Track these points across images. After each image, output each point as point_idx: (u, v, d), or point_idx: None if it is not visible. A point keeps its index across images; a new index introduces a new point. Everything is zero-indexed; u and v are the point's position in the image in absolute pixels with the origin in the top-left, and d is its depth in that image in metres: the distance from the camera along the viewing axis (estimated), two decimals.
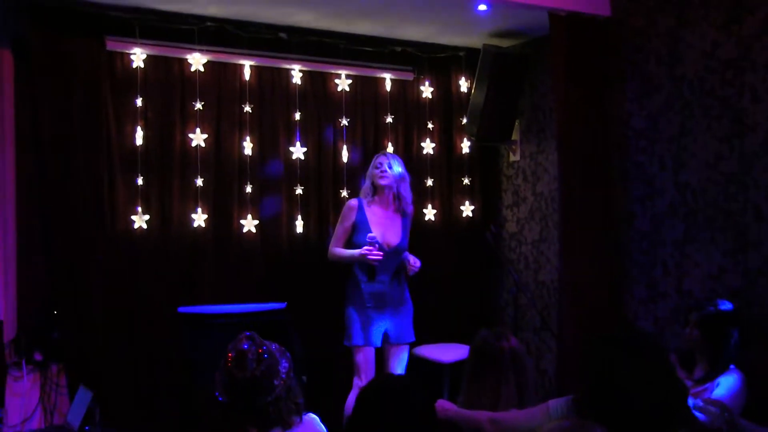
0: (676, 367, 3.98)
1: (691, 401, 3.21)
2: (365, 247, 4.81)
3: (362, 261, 4.86)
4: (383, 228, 4.96)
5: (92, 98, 4.97)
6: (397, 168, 5.01)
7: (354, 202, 5.04)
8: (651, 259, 5.11)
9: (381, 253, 4.80)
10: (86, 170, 4.93)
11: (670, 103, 4.97)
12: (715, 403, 3.32)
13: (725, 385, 3.98)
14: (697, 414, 3.05)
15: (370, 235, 4.84)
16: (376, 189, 5.01)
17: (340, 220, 5.07)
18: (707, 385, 4.02)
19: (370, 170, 5.05)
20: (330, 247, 5.08)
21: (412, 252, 5.16)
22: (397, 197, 5.02)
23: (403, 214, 5.08)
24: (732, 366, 4.06)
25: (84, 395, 4.25)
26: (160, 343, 5.17)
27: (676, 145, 4.93)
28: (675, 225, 4.94)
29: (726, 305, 4.32)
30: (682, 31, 4.89)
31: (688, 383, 4.04)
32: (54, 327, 4.68)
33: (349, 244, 4.98)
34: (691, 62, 4.83)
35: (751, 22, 4.49)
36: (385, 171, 4.97)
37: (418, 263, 5.01)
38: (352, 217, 4.97)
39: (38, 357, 4.66)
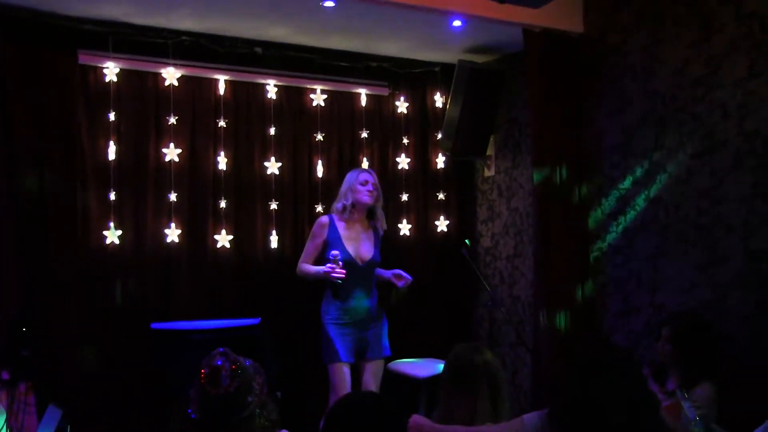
0: (649, 381, 4.02)
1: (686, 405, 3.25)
2: (328, 265, 4.78)
3: (326, 278, 4.83)
4: (356, 243, 4.94)
5: (65, 112, 4.93)
6: (380, 188, 5.03)
7: (324, 219, 5.01)
8: (625, 274, 5.14)
9: (344, 271, 4.77)
10: (59, 185, 4.89)
11: (644, 119, 5.02)
12: (700, 407, 3.36)
13: (697, 397, 4.00)
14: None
15: (333, 252, 4.80)
16: (353, 204, 4.98)
17: (310, 237, 5.04)
18: (679, 398, 4.04)
19: (353, 185, 4.99)
20: (298, 263, 5.05)
21: (387, 267, 5.16)
22: (371, 213, 5.01)
23: (376, 229, 5.07)
24: (704, 378, 4.08)
25: (53, 414, 4.18)
26: (133, 359, 5.11)
27: (649, 161, 4.98)
28: (648, 239, 4.98)
29: (697, 319, 4.37)
30: (655, 48, 4.95)
31: (661, 396, 4.06)
32: (24, 345, 4.60)
33: (321, 261, 4.95)
34: (664, 79, 4.88)
35: (720, 41, 4.55)
36: (371, 190, 4.96)
37: (408, 276, 5.02)
38: (324, 235, 4.94)
39: (5, 376, 4.57)
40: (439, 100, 6.32)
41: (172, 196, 5.31)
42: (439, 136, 6.17)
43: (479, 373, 3.22)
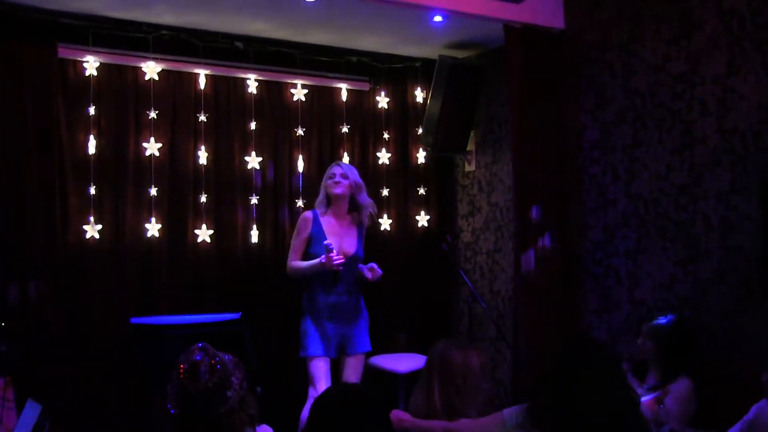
0: (629, 376, 4.04)
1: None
2: (323, 256, 4.72)
3: (323, 270, 4.76)
4: (339, 237, 4.93)
5: (44, 106, 4.88)
6: (352, 177, 4.98)
7: (308, 213, 5.00)
8: (604, 269, 5.16)
9: (342, 258, 4.75)
10: (37, 179, 4.84)
11: (623, 116, 5.04)
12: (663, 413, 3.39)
13: (676, 392, 4.04)
14: None
15: (326, 242, 4.76)
16: (330, 199, 4.99)
17: (295, 232, 5.03)
18: (658, 393, 4.08)
19: (324, 180, 5.02)
20: (288, 262, 4.99)
21: (368, 262, 5.16)
22: (353, 207, 5.00)
23: (359, 224, 5.06)
24: (682, 374, 4.12)
25: (32, 409, 4.16)
26: (112, 354, 5.09)
27: (628, 157, 5.01)
28: (627, 235, 5.01)
29: (676, 315, 4.40)
30: (634, 45, 4.97)
31: (640, 391, 4.09)
32: (2, 339, 4.57)
33: (306, 256, 4.94)
34: (643, 75, 4.91)
35: (699, 38, 4.58)
36: (339, 181, 4.94)
37: (379, 270, 4.99)
38: (308, 229, 4.93)
39: None
40: (419, 95, 6.32)
41: (153, 191, 5.28)
42: (420, 131, 6.18)
43: (433, 367, 3.26)
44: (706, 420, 4.08)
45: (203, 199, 5.46)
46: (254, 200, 5.65)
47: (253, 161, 5.64)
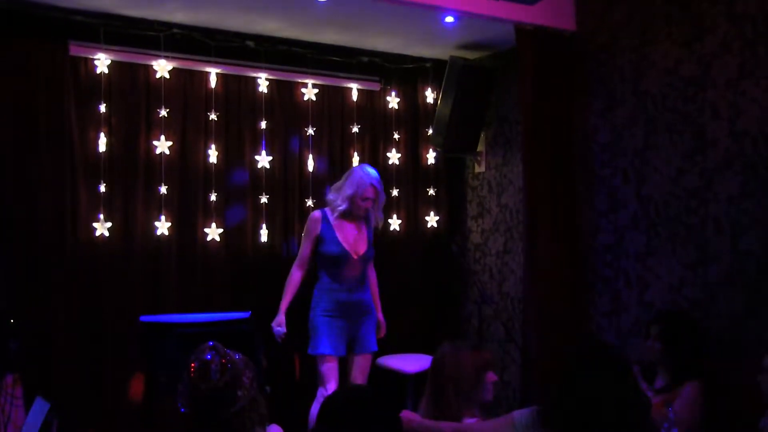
0: (638, 379, 4.04)
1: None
2: (276, 328, 4.88)
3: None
4: (351, 237, 4.94)
5: (55, 104, 4.91)
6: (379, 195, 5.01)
7: (317, 213, 5.00)
8: (614, 272, 5.15)
9: (283, 334, 4.89)
10: (48, 176, 4.87)
11: (634, 118, 5.03)
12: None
13: (685, 395, 4.03)
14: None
15: (276, 328, 4.89)
16: (351, 210, 4.97)
17: (305, 233, 5.03)
18: (667, 396, 4.07)
19: (356, 196, 4.90)
20: (294, 265, 5.02)
21: (377, 261, 5.18)
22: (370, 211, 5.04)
23: (368, 221, 5.07)
24: (691, 377, 4.11)
25: (40, 407, 4.17)
26: (121, 352, 5.10)
27: (639, 160, 4.99)
28: (637, 238, 4.99)
29: (685, 317, 4.39)
30: (645, 47, 4.96)
31: (650, 394, 4.09)
32: (11, 337, 4.58)
33: (318, 255, 4.95)
34: (655, 78, 4.90)
35: (711, 41, 4.57)
36: (370, 207, 4.94)
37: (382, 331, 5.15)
38: (317, 230, 4.94)
39: None
40: (430, 95, 6.32)
41: (163, 189, 5.29)
42: (430, 131, 6.18)
43: (434, 369, 3.28)
44: (716, 423, 4.07)
45: (213, 197, 5.46)
46: (264, 199, 5.66)
47: (264, 160, 5.65)
